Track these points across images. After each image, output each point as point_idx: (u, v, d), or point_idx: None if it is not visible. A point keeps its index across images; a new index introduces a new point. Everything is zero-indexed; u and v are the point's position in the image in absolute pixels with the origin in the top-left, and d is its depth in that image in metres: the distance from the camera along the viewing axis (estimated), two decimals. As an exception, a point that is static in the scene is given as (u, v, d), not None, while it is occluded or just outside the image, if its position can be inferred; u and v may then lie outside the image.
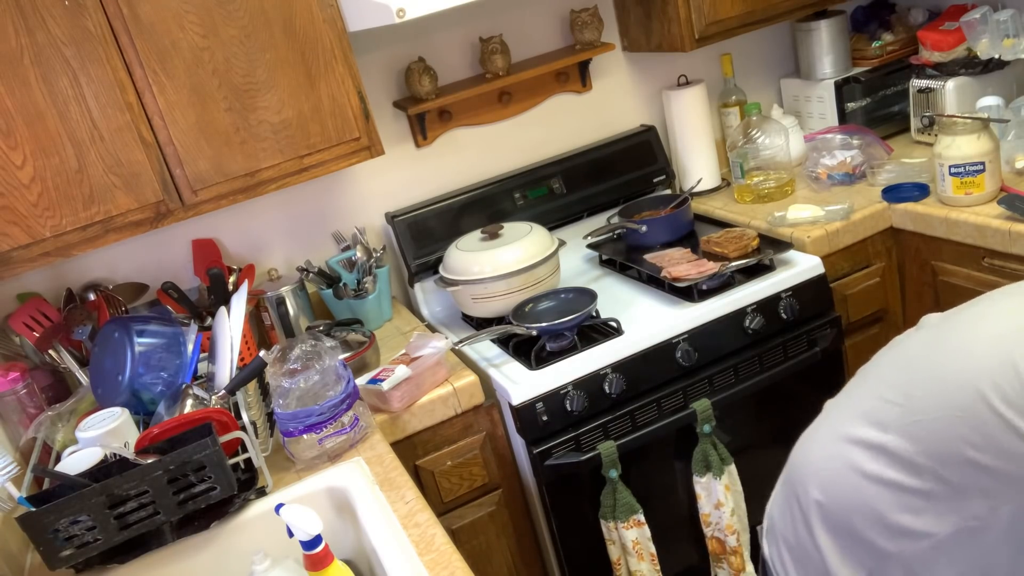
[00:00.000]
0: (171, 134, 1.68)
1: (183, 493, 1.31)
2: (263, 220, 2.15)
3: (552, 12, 2.32)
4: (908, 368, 1.06)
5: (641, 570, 1.81)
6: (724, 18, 2.12)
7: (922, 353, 1.06)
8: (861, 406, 1.09)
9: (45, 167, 1.59)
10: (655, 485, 1.88)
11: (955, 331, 1.04)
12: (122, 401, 1.53)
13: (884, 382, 1.08)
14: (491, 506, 1.86)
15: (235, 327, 1.61)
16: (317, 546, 1.10)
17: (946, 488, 0.98)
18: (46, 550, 1.25)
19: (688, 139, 2.40)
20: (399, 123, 2.23)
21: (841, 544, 1.09)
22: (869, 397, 1.09)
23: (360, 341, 1.94)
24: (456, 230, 2.19)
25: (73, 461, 1.35)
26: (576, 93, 2.40)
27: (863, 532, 1.06)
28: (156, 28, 1.62)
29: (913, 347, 1.09)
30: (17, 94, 1.55)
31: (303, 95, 1.76)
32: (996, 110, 2.04)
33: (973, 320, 1.03)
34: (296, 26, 1.73)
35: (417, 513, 1.32)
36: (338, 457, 1.54)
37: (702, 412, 1.80)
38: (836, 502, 1.09)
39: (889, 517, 1.03)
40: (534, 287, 1.95)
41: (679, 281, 1.89)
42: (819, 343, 1.93)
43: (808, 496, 1.13)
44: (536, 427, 1.74)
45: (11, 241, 1.60)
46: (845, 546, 1.09)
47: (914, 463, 1.00)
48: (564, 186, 2.30)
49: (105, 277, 2.03)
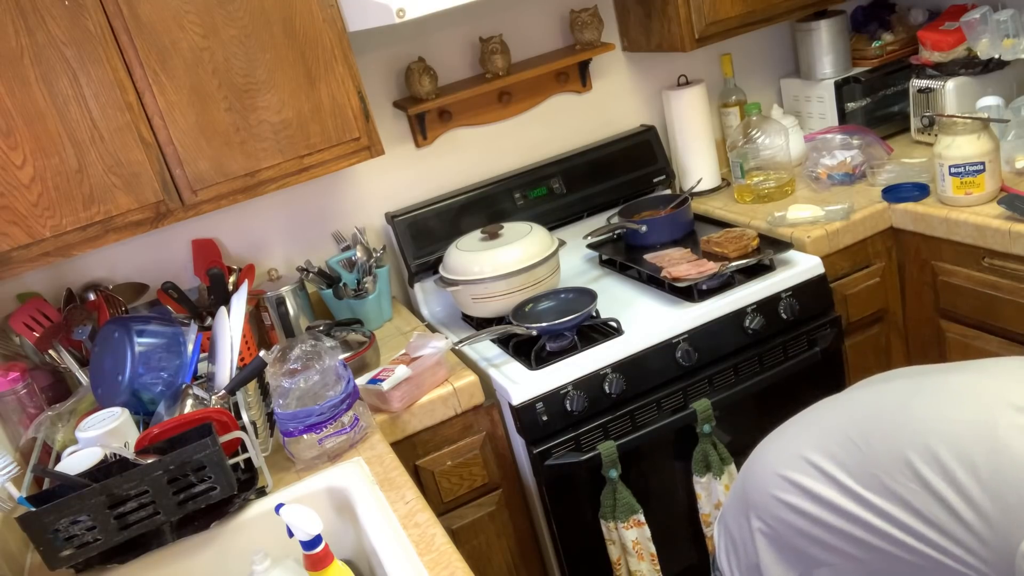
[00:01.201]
0: (171, 134, 1.68)
1: (183, 493, 1.31)
2: (263, 220, 2.15)
3: (552, 12, 2.32)
4: (875, 417, 1.07)
5: (641, 570, 1.81)
6: (724, 18, 2.12)
7: (890, 406, 1.07)
8: (825, 438, 1.10)
9: (45, 167, 1.59)
10: (655, 485, 1.88)
11: (920, 394, 1.05)
12: (122, 401, 1.53)
13: (852, 420, 1.09)
14: (491, 506, 1.86)
15: (235, 327, 1.61)
16: (317, 546, 1.10)
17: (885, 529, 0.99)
18: (46, 550, 1.25)
19: (688, 139, 2.40)
20: (399, 123, 2.23)
21: (776, 548, 1.12)
22: (835, 430, 1.10)
23: (360, 341, 1.94)
24: (456, 230, 2.19)
25: (73, 461, 1.35)
26: (576, 93, 2.40)
27: (799, 544, 1.09)
28: (156, 28, 1.62)
29: (887, 396, 1.10)
30: (17, 94, 1.55)
31: (303, 95, 1.76)
32: (996, 110, 2.04)
33: (936, 388, 1.04)
34: (296, 26, 1.73)
35: (417, 513, 1.32)
36: (338, 457, 1.54)
37: (702, 412, 1.80)
38: (777, 519, 1.11)
39: (827, 539, 1.05)
40: (534, 287, 1.95)
41: (679, 281, 1.89)
42: (819, 343, 1.93)
43: (755, 499, 1.15)
44: (536, 427, 1.74)
45: (11, 241, 1.60)
46: (779, 550, 1.12)
47: (862, 498, 1.02)
48: (564, 186, 2.30)
49: (105, 277, 2.03)
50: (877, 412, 1.07)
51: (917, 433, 0.99)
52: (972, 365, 1.08)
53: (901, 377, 1.13)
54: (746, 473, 1.21)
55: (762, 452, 1.20)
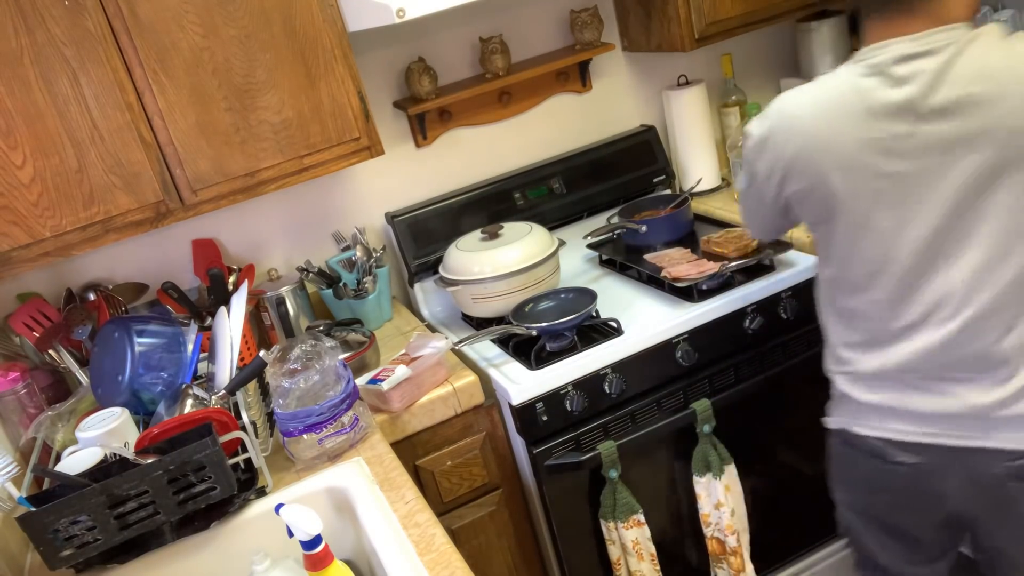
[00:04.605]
0: (171, 134, 1.68)
1: (183, 493, 1.31)
2: (263, 220, 2.15)
3: (552, 12, 2.32)
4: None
5: (641, 570, 1.81)
6: (724, 18, 2.12)
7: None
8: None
9: (45, 167, 1.59)
10: (655, 485, 1.88)
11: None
12: (122, 401, 1.53)
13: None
14: (491, 506, 1.86)
15: (235, 327, 1.61)
16: (317, 546, 1.10)
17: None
18: (46, 550, 1.25)
19: (688, 139, 2.40)
20: (399, 123, 2.23)
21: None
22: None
23: (360, 341, 1.94)
24: (456, 230, 2.19)
25: (73, 461, 1.35)
26: (576, 93, 2.40)
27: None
28: (156, 28, 1.62)
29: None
30: (17, 94, 1.55)
31: (303, 95, 1.76)
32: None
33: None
34: (296, 26, 1.73)
35: (417, 513, 1.32)
36: (338, 457, 1.54)
37: (702, 412, 1.80)
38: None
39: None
40: (534, 287, 1.95)
41: (679, 281, 1.89)
42: (819, 343, 1.93)
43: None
44: (536, 427, 1.74)
45: (11, 241, 1.60)
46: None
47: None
48: (564, 186, 2.30)
49: (105, 277, 2.03)
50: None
51: None
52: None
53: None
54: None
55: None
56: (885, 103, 1.21)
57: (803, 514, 2.08)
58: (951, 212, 1.21)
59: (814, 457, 2.03)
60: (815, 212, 1.33)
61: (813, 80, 1.32)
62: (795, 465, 2.03)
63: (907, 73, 1.20)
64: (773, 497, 2.02)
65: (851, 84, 1.25)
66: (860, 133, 1.23)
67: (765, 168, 1.36)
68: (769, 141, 1.34)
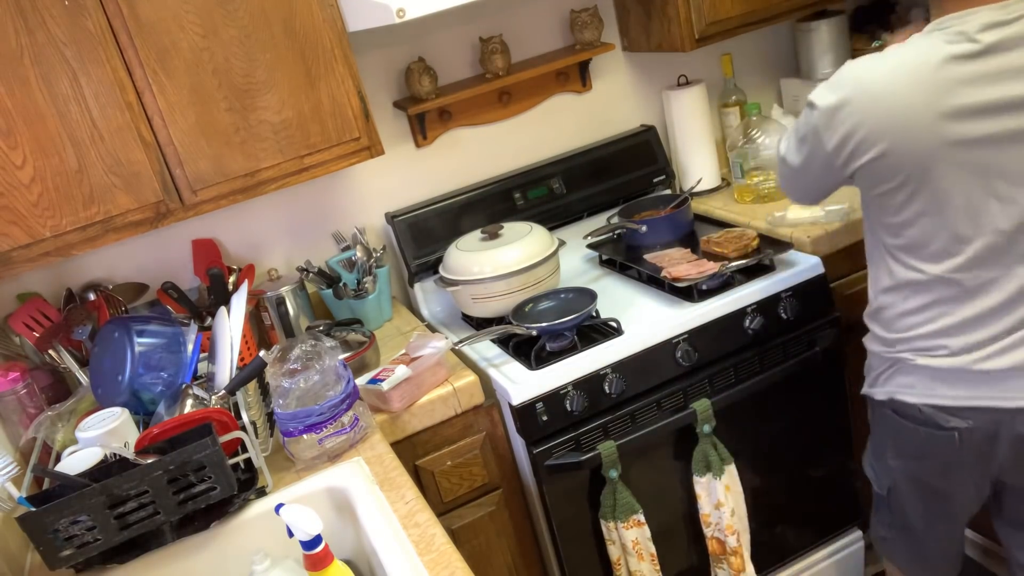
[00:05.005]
0: (171, 134, 1.68)
1: (183, 493, 1.31)
2: (263, 220, 2.15)
3: (552, 12, 2.32)
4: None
5: (641, 570, 1.81)
6: (724, 18, 2.12)
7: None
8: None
9: (45, 167, 1.59)
10: (655, 485, 1.88)
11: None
12: (122, 401, 1.53)
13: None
14: (491, 506, 1.86)
15: (235, 327, 1.61)
16: (317, 546, 1.10)
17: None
18: (46, 550, 1.25)
19: (688, 139, 2.40)
20: (399, 123, 2.23)
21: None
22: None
23: (360, 341, 1.94)
24: (456, 230, 2.19)
25: (73, 461, 1.35)
26: (576, 93, 2.40)
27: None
28: (156, 28, 1.62)
29: None
30: (17, 94, 1.55)
31: (303, 95, 1.76)
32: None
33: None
34: (296, 26, 1.73)
35: (417, 513, 1.32)
36: (338, 457, 1.54)
37: (702, 412, 1.80)
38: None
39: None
40: (534, 287, 1.95)
41: (679, 281, 1.89)
42: (819, 343, 1.93)
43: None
44: (536, 427, 1.74)
45: (11, 241, 1.60)
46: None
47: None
48: (564, 186, 2.30)
49: (105, 277, 2.03)
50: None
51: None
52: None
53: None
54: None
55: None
56: (974, 69, 1.21)
57: (803, 514, 2.08)
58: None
59: (814, 457, 2.04)
60: (890, 181, 1.31)
61: (881, 52, 1.31)
62: (795, 465, 2.03)
63: (995, 40, 1.20)
64: (773, 497, 2.02)
65: (937, 51, 1.24)
66: (948, 100, 1.22)
67: (836, 137, 1.34)
68: (843, 110, 1.31)
